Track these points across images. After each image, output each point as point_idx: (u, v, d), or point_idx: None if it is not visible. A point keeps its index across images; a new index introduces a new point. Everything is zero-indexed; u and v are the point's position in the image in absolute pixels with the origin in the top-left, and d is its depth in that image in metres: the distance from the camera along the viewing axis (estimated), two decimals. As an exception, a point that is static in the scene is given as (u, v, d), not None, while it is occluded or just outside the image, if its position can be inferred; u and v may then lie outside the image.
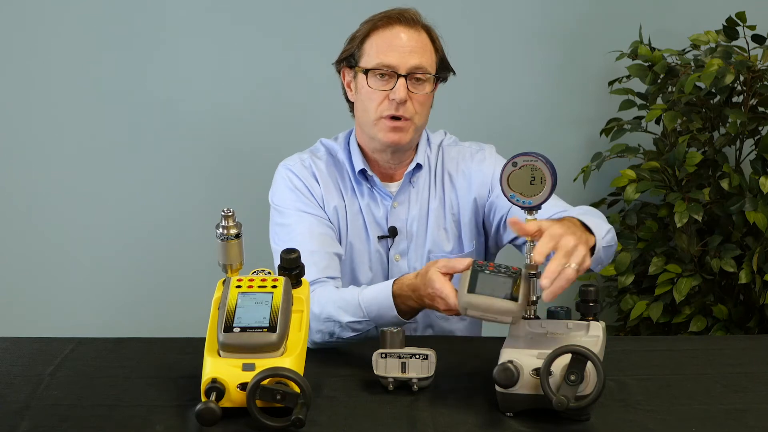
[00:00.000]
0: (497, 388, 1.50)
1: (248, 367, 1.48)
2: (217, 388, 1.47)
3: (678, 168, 2.92)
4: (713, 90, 2.91)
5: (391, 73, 2.03)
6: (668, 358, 1.82)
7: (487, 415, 1.52)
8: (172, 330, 2.23)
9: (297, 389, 1.44)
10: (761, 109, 3.02)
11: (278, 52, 3.15)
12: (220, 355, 1.51)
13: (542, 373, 1.45)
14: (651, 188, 2.90)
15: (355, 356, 1.77)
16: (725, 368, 1.75)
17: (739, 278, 2.89)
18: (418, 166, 2.15)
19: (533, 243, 1.67)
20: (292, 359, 1.51)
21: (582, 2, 3.22)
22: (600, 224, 1.84)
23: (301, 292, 1.63)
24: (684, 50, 3.08)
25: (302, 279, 1.65)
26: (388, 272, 2.13)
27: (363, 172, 2.13)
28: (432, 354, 1.60)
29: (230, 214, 1.60)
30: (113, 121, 3.16)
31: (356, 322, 1.88)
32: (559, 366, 1.46)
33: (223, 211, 1.60)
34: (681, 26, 3.13)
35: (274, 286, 1.56)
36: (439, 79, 2.11)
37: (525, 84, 3.24)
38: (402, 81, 2.02)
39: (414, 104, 2.05)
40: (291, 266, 1.63)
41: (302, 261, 1.64)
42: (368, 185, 2.14)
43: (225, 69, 3.16)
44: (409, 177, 2.15)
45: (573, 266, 1.56)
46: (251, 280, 1.58)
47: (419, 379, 1.60)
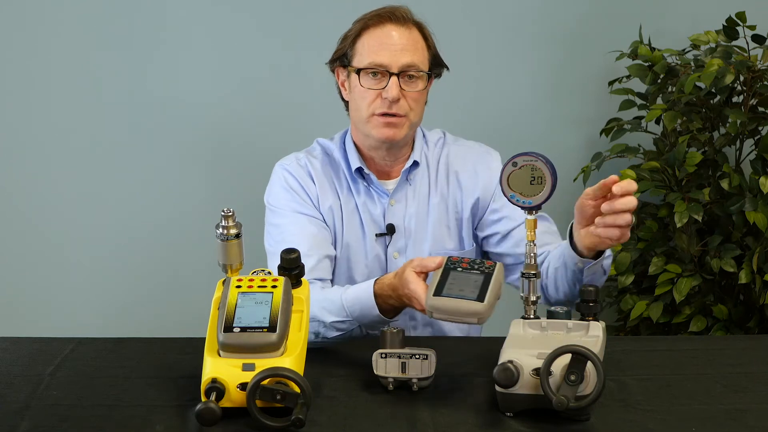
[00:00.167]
0: (497, 388, 1.50)
1: (248, 367, 1.48)
2: (217, 388, 1.47)
3: (678, 168, 2.92)
4: (713, 90, 2.91)
5: (384, 72, 2.03)
6: (668, 358, 1.81)
7: (487, 415, 1.52)
8: (172, 330, 2.22)
9: (297, 389, 1.44)
10: (761, 109, 3.01)
11: (278, 53, 3.15)
12: (220, 355, 1.51)
13: (542, 373, 1.45)
14: (651, 188, 2.90)
15: (355, 356, 1.77)
16: (725, 368, 1.74)
17: (739, 278, 2.89)
18: (415, 164, 2.15)
19: (533, 243, 1.67)
20: (292, 359, 1.51)
21: (582, 2, 3.22)
22: None
23: (301, 292, 1.63)
24: (684, 50, 3.07)
25: (302, 279, 1.66)
26: (387, 270, 2.13)
27: (360, 171, 2.13)
28: (432, 354, 1.60)
29: (230, 214, 1.60)
30: (113, 121, 3.16)
31: (340, 322, 1.90)
32: (559, 366, 1.46)
33: (223, 211, 1.60)
34: (681, 26, 3.13)
35: (274, 286, 1.56)
36: (433, 76, 2.11)
37: (525, 84, 3.24)
38: (394, 79, 2.02)
39: (408, 101, 2.05)
40: (291, 266, 1.64)
41: None
42: (365, 183, 2.14)
43: (225, 69, 3.16)
44: (406, 174, 2.15)
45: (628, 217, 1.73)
46: (251, 280, 1.58)
47: (419, 379, 1.60)
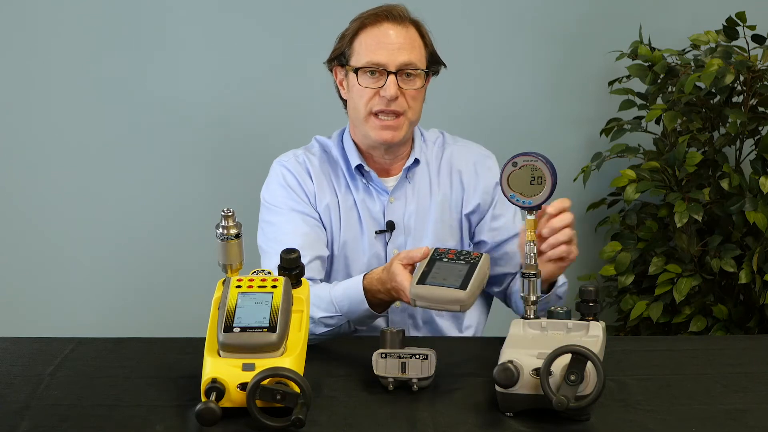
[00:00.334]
0: (497, 388, 1.50)
1: (248, 367, 1.48)
2: (217, 388, 1.47)
3: (678, 168, 2.92)
4: (713, 90, 2.91)
5: (381, 71, 2.04)
6: (668, 358, 1.81)
7: (487, 415, 1.52)
8: (172, 330, 2.22)
9: (297, 389, 1.44)
10: (761, 109, 3.01)
11: (278, 52, 3.15)
12: (220, 355, 1.51)
13: (542, 373, 1.45)
14: (651, 188, 2.90)
15: (355, 356, 1.77)
16: (725, 368, 1.74)
17: (739, 278, 2.89)
18: (416, 161, 2.15)
19: (533, 243, 1.67)
20: (292, 359, 1.51)
21: (582, 2, 3.22)
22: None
23: (301, 292, 1.63)
24: (684, 50, 3.07)
25: (302, 279, 1.66)
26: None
27: (360, 168, 2.13)
28: (432, 354, 1.60)
29: (230, 214, 1.60)
30: (113, 121, 3.16)
31: (329, 318, 1.92)
32: (559, 366, 1.45)
33: (223, 211, 1.60)
34: (681, 26, 3.13)
35: (274, 286, 1.56)
36: (430, 74, 2.12)
37: (525, 84, 3.24)
38: (392, 78, 2.03)
39: (406, 99, 2.05)
40: (291, 266, 1.64)
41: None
42: (363, 180, 2.14)
43: (225, 69, 3.16)
44: (407, 172, 2.15)
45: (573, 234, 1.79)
46: (251, 280, 1.58)
47: (419, 379, 1.60)
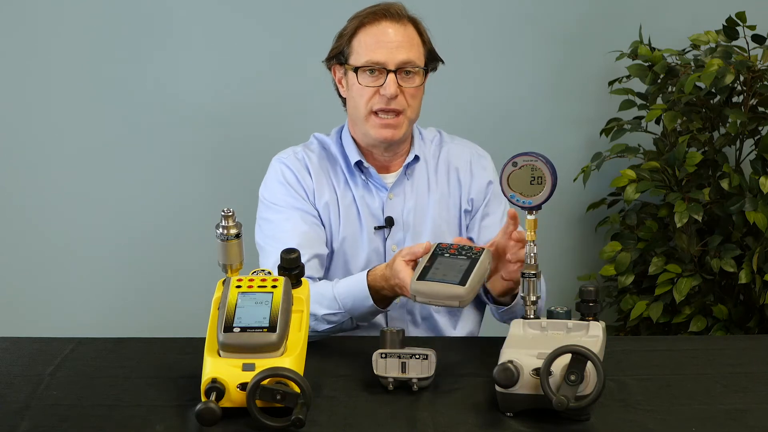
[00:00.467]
0: (497, 388, 1.50)
1: (248, 367, 1.48)
2: (217, 388, 1.47)
3: (678, 168, 2.92)
4: (713, 90, 2.91)
5: (381, 69, 2.04)
6: (668, 358, 1.81)
7: (487, 415, 1.52)
8: (172, 330, 2.22)
9: (297, 389, 1.44)
10: (761, 109, 3.01)
11: (278, 51, 3.15)
12: (220, 355, 1.51)
13: (542, 373, 1.45)
14: (651, 188, 2.90)
15: (355, 356, 1.77)
16: (725, 368, 1.75)
17: (739, 278, 2.89)
18: (416, 158, 2.16)
19: (533, 243, 1.67)
20: (292, 359, 1.51)
21: (582, 2, 3.22)
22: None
23: (301, 292, 1.63)
24: (684, 50, 3.07)
25: (302, 279, 1.66)
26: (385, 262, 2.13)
27: (359, 164, 2.13)
28: (432, 354, 1.60)
29: (230, 214, 1.60)
30: (113, 121, 3.15)
31: (332, 314, 1.93)
32: (559, 366, 1.46)
33: (223, 211, 1.60)
34: (681, 26, 3.12)
35: (274, 286, 1.56)
36: (429, 70, 2.12)
37: (525, 84, 3.24)
38: (392, 76, 2.03)
39: (406, 97, 2.06)
40: (291, 266, 1.64)
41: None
42: (362, 177, 2.15)
43: (224, 68, 3.15)
44: (406, 169, 2.16)
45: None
46: (251, 280, 1.58)
47: (419, 379, 1.60)
